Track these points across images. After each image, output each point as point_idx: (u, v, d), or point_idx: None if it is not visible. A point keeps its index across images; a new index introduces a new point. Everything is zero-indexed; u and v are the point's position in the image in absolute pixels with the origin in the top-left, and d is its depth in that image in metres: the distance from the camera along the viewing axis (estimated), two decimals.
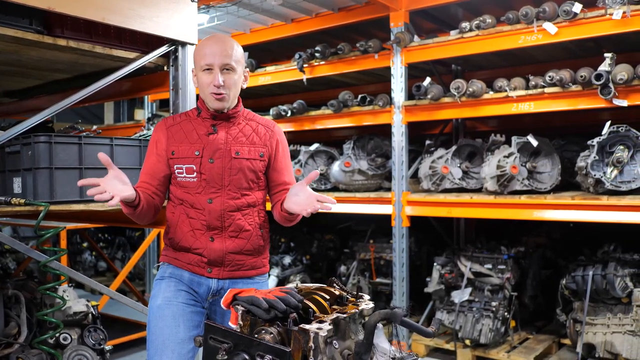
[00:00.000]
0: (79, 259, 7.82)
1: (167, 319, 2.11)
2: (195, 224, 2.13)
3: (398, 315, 1.53)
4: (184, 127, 2.19)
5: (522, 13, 3.99)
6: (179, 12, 3.06)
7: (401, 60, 4.62)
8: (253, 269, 2.22)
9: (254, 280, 2.23)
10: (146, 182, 2.18)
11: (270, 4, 4.65)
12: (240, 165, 2.14)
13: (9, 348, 2.92)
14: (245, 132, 2.20)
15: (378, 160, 5.19)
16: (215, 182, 2.12)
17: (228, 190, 2.13)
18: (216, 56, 2.09)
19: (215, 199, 2.12)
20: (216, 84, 2.08)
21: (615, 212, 3.75)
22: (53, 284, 3.00)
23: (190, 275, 2.17)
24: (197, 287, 2.17)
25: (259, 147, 2.20)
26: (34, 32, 2.63)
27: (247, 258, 2.19)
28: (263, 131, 2.23)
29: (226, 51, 2.10)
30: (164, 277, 2.20)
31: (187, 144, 2.15)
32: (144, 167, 2.22)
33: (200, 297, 2.18)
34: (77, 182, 2.88)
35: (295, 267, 6.00)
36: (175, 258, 2.19)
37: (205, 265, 2.15)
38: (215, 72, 2.09)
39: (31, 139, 2.80)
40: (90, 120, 9.24)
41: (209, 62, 2.09)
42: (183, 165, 2.14)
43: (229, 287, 2.15)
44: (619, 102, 3.71)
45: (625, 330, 3.90)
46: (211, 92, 2.10)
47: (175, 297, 2.14)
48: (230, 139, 2.16)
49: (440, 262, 4.87)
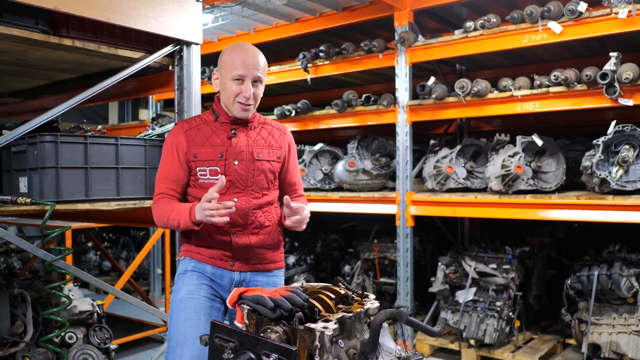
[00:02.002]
0: (84, 258, 7.84)
1: (189, 312, 2.16)
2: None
3: (404, 315, 1.53)
4: (202, 131, 2.24)
5: (526, 12, 3.98)
6: (183, 12, 3.06)
7: (405, 60, 4.62)
8: (272, 262, 2.33)
9: (272, 273, 2.33)
10: (172, 189, 2.24)
11: (275, 4, 4.66)
12: (262, 167, 2.24)
13: (15, 347, 2.93)
14: (263, 136, 2.29)
15: (382, 160, 5.19)
16: (239, 183, 2.21)
17: (251, 190, 2.23)
18: (250, 69, 2.15)
19: (240, 199, 2.20)
20: (247, 96, 2.15)
21: (620, 211, 3.74)
22: (59, 283, 3.01)
23: (213, 269, 2.23)
24: (220, 279, 2.24)
25: (276, 149, 2.31)
26: (40, 32, 2.64)
27: (267, 252, 2.29)
28: (277, 134, 2.34)
29: (259, 64, 2.17)
30: (186, 270, 2.25)
31: (209, 147, 2.21)
32: (165, 172, 2.25)
33: (223, 289, 2.24)
34: (83, 182, 2.91)
35: (299, 267, 6.01)
36: (198, 253, 2.25)
37: (229, 258, 2.23)
38: (246, 84, 2.15)
39: (37, 138, 2.81)
40: (94, 120, 9.26)
41: (242, 74, 2.14)
42: (207, 167, 2.20)
43: (250, 279, 2.26)
44: (625, 102, 3.70)
45: (630, 330, 3.89)
46: (239, 101, 2.17)
47: (197, 291, 2.20)
48: (251, 142, 2.24)
49: (444, 262, 4.87)
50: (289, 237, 6.24)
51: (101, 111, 9.60)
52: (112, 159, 3.06)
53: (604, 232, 4.73)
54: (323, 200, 5.15)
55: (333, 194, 5.12)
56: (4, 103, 4.46)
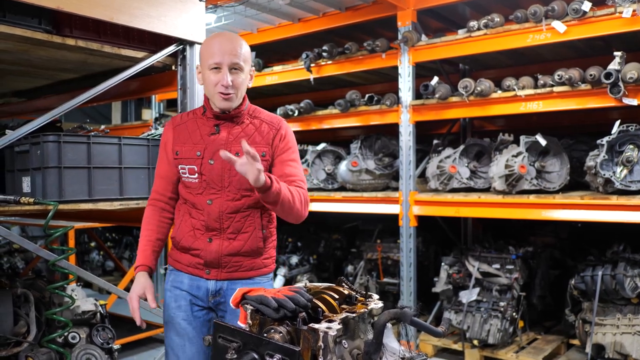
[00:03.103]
0: (87, 258, 7.85)
1: (174, 338, 2.19)
2: (196, 224, 2.14)
3: (408, 315, 1.52)
4: (188, 127, 2.18)
5: (530, 12, 3.96)
6: (186, 11, 3.06)
7: (409, 60, 4.61)
8: (252, 269, 2.17)
9: (253, 281, 2.18)
10: (164, 188, 2.24)
11: (278, 4, 4.65)
12: None
13: (18, 347, 2.93)
14: (248, 132, 2.14)
15: (385, 159, 5.18)
16: (215, 184, 2.10)
17: (228, 191, 2.10)
18: (225, 55, 2.03)
19: (215, 200, 2.10)
20: (224, 84, 2.03)
21: (625, 211, 3.72)
22: (62, 283, 3.00)
23: (190, 280, 2.18)
24: (197, 290, 2.18)
25: (262, 146, 2.12)
26: (43, 31, 2.64)
27: (244, 259, 2.15)
28: (267, 129, 2.15)
29: (235, 50, 2.05)
30: (167, 288, 2.25)
31: (190, 145, 2.15)
32: (158, 169, 2.26)
33: (201, 300, 2.19)
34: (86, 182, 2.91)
35: (302, 267, 6.00)
36: (177, 260, 2.21)
37: (203, 267, 2.15)
38: (223, 72, 2.04)
39: (40, 138, 2.81)
40: (97, 120, 9.27)
41: (218, 61, 2.04)
42: (186, 165, 2.14)
43: (227, 287, 2.15)
44: (629, 101, 3.69)
45: (635, 330, 3.87)
46: (219, 91, 2.06)
47: (176, 315, 2.18)
48: (231, 139, 2.11)
49: (448, 262, 4.86)
50: (292, 237, 6.23)
51: (104, 111, 9.61)
52: (115, 158, 3.06)
53: (608, 232, 4.71)
54: (326, 200, 5.14)
55: (336, 194, 5.11)
56: (7, 103, 4.47)
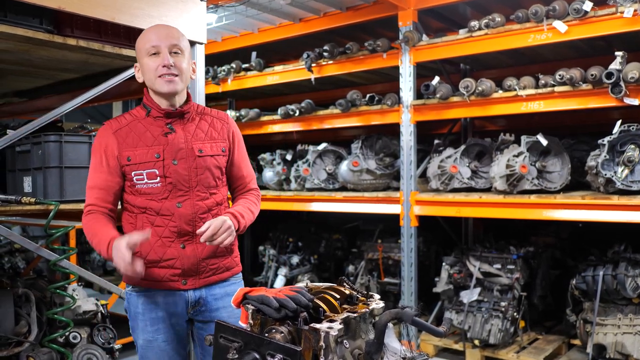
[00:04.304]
0: (88, 258, 7.85)
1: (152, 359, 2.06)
2: (164, 232, 2.00)
3: (409, 315, 1.52)
4: (134, 129, 2.01)
5: (531, 11, 3.96)
6: (187, 11, 3.06)
7: (410, 60, 4.61)
8: (227, 270, 2.13)
9: (229, 282, 2.14)
10: (102, 199, 2.01)
11: (279, 4, 4.65)
12: (205, 163, 2.04)
13: (20, 346, 2.93)
14: (202, 128, 2.09)
15: (386, 159, 5.18)
16: (182, 185, 2.00)
17: (197, 191, 2.03)
18: (162, 38, 1.98)
19: (185, 202, 2.00)
20: (166, 64, 1.96)
21: (626, 211, 3.72)
22: (63, 283, 3.01)
23: (165, 297, 2.04)
24: (174, 307, 2.05)
25: (219, 142, 2.10)
26: (44, 31, 2.64)
27: (220, 260, 2.10)
28: (219, 125, 2.13)
29: (173, 34, 2.01)
30: (137, 312, 2.06)
31: (143, 148, 1.99)
32: (94, 179, 2.02)
33: (179, 316, 2.07)
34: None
35: (303, 267, 6.00)
36: (144, 278, 1.97)
37: (179, 277, 2.02)
38: (163, 53, 1.97)
39: (41, 138, 2.82)
40: (99, 120, 9.27)
41: (156, 44, 1.98)
42: (143, 170, 1.98)
43: (206, 295, 2.08)
44: (630, 101, 3.68)
45: (636, 330, 3.87)
46: (160, 73, 1.97)
47: (155, 338, 2.04)
48: (189, 137, 2.04)
49: (448, 262, 4.85)
50: (293, 237, 6.23)
51: (105, 111, 9.61)
52: None
53: (609, 232, 4.71)
54: (327, 200, 5.14)
55: (337, 194, 5.11)
56: (8, 103, 4.47)
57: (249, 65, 5.59)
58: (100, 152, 2.02)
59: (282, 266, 5.88)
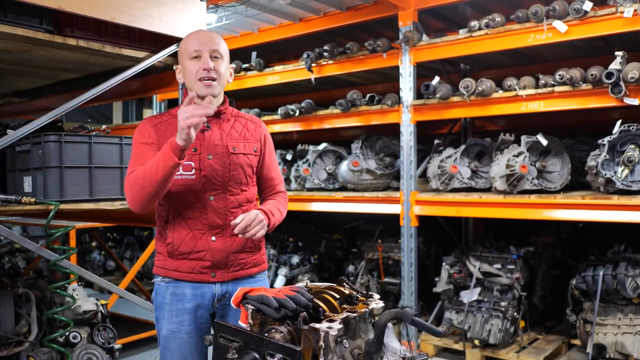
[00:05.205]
0: (88, 258, 7.86)
1: (175, 353, 2.10)
2: (195, 225, 2.08)
3: (409, 315, 1.52)
4: (173, 125, 2.08)
5: (531, 11, 3.96)
6: (187, 11, 3.07)
7: (410, 60, 4.61)
8: (255, 266, 2.20)
9: (255, 279, 2.21)
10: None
11: (279, 4, 4.65)
12: (238, 160, 2.13)
13: (20, 346, 2.93)
14: (237, 129, 2.20)
15: (386, 159, 5.18)
16: (215, 179, 2.09)
17: (229, 186, 2.11)
18: (204, 43, 2.09)
19: (217, 196, 2.09)
20: (206, 67, 2.06)
21: (626, 211, 3.72)
22: (63, 283, 3.01)
23: (193, 289, 2.10)
24: (201, 298, 2.11)
25: (252, 142, 2.21)
26: (44, 31, 2.65)
27: (248, 256, 2.17)
28: (252, 127, 2.24)
29: (214, 40, 2.12)
30: (164, 303, 2.13)
31: None
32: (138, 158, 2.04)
33: (205, 308, 2.13)
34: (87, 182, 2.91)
35: (303, 267, 6.00)
36: (175, 269, 2.09)
37: (208, 269, 2.09)
38: (204, 58, 2.07)
39: (41, 138, 2.82)
40: (99, 120, 9.28)
41: (198, 49, 2.08)
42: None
43: (232, 289, 2.11)
44: (630, 101, 3.68)
45: (636, 330, 3.87)
46: (201, 77, 2.07)
47: (179, 329, 2.10)
48: (224, 135, 2.14)
49: (449, 262, 4.86)
50: (293, 237, 6.24)
51: (105, 111, 9.63)
52: (116, 158, 3.07)
53: (609, 232, 4.71)
54: (327, 200, 5.14)
55: (337, 194, 5.11)
56: (8, 103, 4.47)
57: (249, 65, 5.59)
58: (142, 140, 2.10)
59: (282, 266, 5.88)
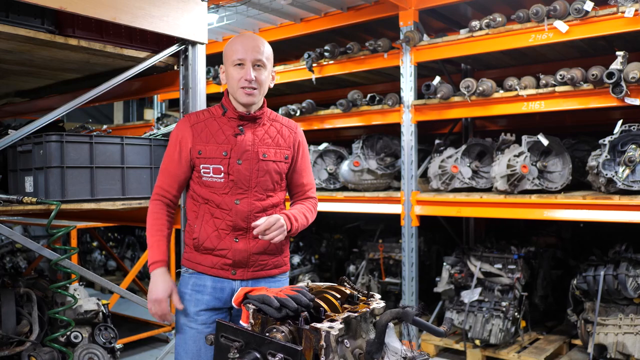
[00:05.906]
0: (89, 258, 7.87)
1: (189, 343, 2.15)
2: (221, 224, 2.14)
3: (410, 315, 1.52)
4: (209, 126, 2.17)
5: (532, 11, 3.96)
6: (188, 11, 3.07)
7: (410, 60, 4.61)
8: (275, 267, 2.25)
9: (275, 279, 2.25)
10: (169, 185, 2.20)
11: (280, 4, 4.65)
12: (267, 167, 2.16)
13: (21, 346, 2.94)
14: (271, 134, 2.21)
15: (387, 159, 5.18)
16: (242, 183, 2.13)
17: (255, 191, 2.15)
18: (248, 51, 2.10)
19: (242, 200, 2.13)
20: (248, 78, 2.09)
21: (627, 211, 3.72)
22: (64, 283, 3.02)
23: (213, 282, 2.17)
24: (220, 292, 2.17)
25: (284, 149, 2.22)
26: (46, 31, 2.65)
27: (269, 258, 2.21)
28: (287, 133, 2.25)
29: (258, 47, 2.12)
30: (185, 292, 2.20)
31: (214, 144, 2.14)
32: (166, 164, 2.21)
33: (224, 302, 2.18)
34: (88, 182, 2.92)
35: (304, 267, 6.01)
36: (198, 263, 2.18)
37: (229, 267, 2.15)
38: (247, 67, 2.10)
39: (43, 138, 2.82)
40: (100, 120, 9.29)
41: (241, 57, 2.10)
42: (210, 165, 2.13)
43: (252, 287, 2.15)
44: (631, 101, 3.68)
45: (637, 331, 3.86)
46: (242, 86, 2.10)
47: (195, 319, 2.16)
48: (257, 140, 2.17)
49: (449, 262, 4.85)
50: (294, 237, 6.23)
51: (106, 111, 9.64)
52: (117, 158, 3.07)
53: (610, 232, 4.71)
54: (328, 200, 5.15)
55: (338, 194, 5.11)
56: (10, 103, 4.48)
57: None
58: (176, 142, 2.19)
59: None
